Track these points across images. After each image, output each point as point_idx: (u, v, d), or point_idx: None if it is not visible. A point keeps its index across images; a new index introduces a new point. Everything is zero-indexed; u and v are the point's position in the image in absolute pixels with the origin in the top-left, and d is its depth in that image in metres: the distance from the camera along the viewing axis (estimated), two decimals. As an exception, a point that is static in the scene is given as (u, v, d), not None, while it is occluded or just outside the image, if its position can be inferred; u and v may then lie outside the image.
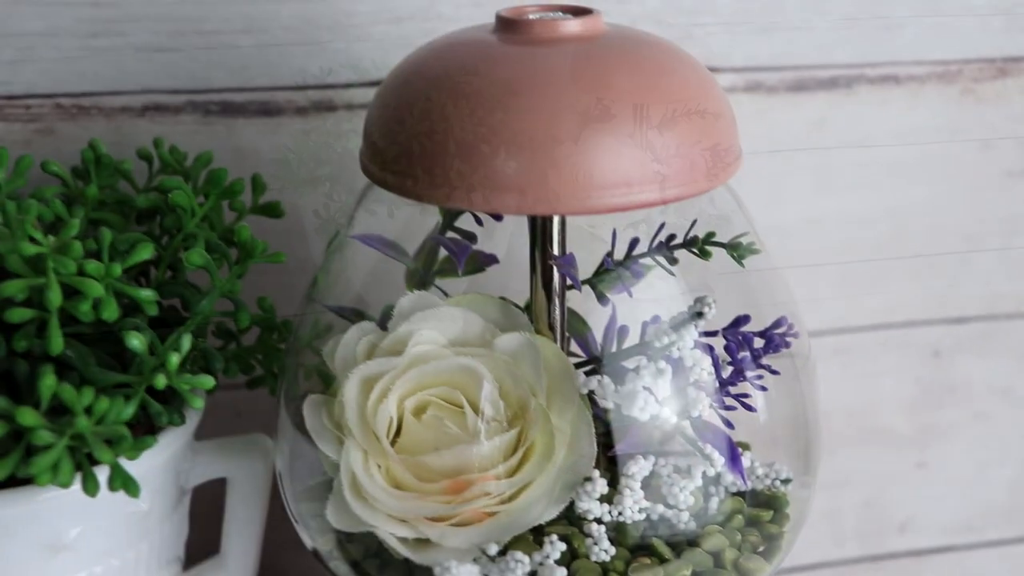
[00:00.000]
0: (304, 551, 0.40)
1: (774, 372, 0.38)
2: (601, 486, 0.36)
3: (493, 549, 0.35)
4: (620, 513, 0.36)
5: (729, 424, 0.39)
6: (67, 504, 0.36)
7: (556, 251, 0.39)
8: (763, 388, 0.38)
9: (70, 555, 0.37)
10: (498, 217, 0.41)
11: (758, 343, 0.38)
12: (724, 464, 0.38)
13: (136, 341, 0.35)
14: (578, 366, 0.38)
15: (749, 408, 0.39)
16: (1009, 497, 0.65)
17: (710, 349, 0.38)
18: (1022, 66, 0.57)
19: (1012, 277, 0.61)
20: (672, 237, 0.39)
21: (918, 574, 0.65)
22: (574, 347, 0.41)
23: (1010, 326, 0.62)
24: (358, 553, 0.38)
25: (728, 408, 0.39)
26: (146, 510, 0.38)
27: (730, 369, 0.38)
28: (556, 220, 0.38)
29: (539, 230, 0.39)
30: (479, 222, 0.40)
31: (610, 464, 0.37)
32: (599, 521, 0.36)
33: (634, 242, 0.39)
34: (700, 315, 0.37)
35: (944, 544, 0.65)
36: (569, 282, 0.39)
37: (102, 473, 0.35)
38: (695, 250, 0.39)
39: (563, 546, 0.35)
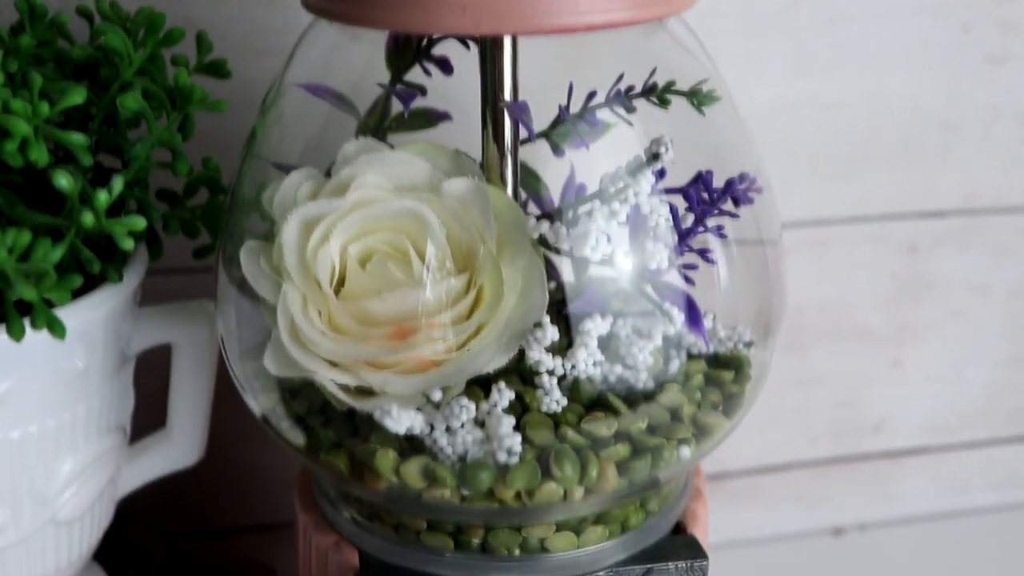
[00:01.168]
0: (257, 443, 0.39)
1: (733, 216, 0.37)
2: (552, 333, 0.34)
3: (437, 395, 0.34)
4: (573, 366, 0.35)
5: (689, 280, 0.37)
6: (-5, 353, 0.35)
7: (508, 98, 0.37)
8: (723, 236, 0.37)
9: (2, 410, 0.36)
10: (447, 70, 0.39)
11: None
12: (683, 323, 0.37)
13: (64, 180, 0.33)
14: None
15: (710, 261, 0.37)
16: (985, 398, 0.64)
17: (671, 206, 0.37)
18: (1004, -54, 0.55)
19: (991, 169, 0.60)
20: (631, 88, 0.38)
21: (893, 474, 0.64)
22: (532, 209, 0.40)
23: (989, 221, 0.61)
24: (302, 409, 0.37)
25: (689, 267, 0.38)
26: (82, 368, 0.37)
27: (690, 218, 0.37)
28: (508, 65, 0.37)
29: (489, 75, 0.37)
30: (427, 73, 0.39)
31: (569, 327, 0.36)
32: (551, 373, 0.35)
33: (591, 94, 0.38)
34: (656, 156, 0.35)
35: (919, 445, 0.64)
36: (523, 135, 0.38)
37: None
38: (654, 99, 0.37)
39: (511, 394, 0.34)
